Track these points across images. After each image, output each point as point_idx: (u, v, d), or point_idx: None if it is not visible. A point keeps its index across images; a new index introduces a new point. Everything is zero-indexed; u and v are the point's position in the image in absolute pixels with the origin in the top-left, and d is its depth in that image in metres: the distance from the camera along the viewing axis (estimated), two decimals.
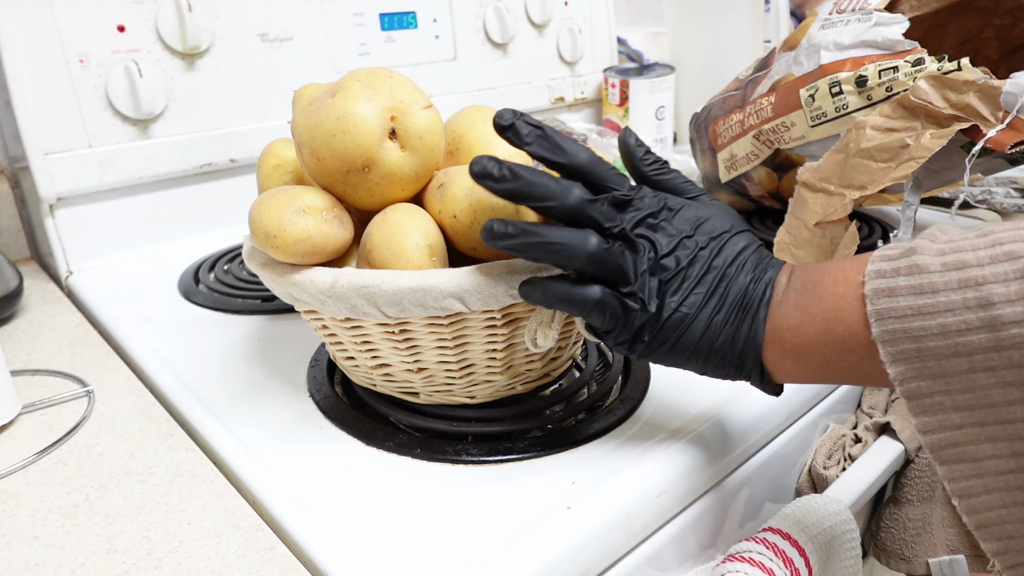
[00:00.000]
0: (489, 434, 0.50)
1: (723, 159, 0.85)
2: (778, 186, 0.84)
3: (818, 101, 0.70)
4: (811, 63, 0.71)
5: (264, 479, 0.46)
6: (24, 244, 0.85)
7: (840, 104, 0.68)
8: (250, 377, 0.58)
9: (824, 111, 0.70)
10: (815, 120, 0.71)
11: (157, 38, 0.79)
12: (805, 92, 0.71)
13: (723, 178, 0.86)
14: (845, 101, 0.68)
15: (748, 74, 0.84)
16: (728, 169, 0.85)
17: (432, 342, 0.46)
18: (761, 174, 0.83)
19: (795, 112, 0.73)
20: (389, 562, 0.40)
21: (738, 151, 0.82)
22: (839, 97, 0.68)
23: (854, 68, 0.67)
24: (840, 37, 0.69)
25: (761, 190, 0.85)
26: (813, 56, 0.71)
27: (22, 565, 0.40)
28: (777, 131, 0.76)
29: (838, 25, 0.71)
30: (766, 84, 0.78)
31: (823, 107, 0.70)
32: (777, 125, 0.75)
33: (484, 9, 1.05)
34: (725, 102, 0.84)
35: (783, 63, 0.76)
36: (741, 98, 0.82)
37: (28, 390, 0.58)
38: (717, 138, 0.84)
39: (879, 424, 0.63)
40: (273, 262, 0.47)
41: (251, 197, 0.90)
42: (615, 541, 0.44)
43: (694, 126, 0.91)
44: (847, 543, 0.53)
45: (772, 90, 0.76)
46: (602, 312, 0.40)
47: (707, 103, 0.90)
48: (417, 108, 0.46)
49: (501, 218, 0.41)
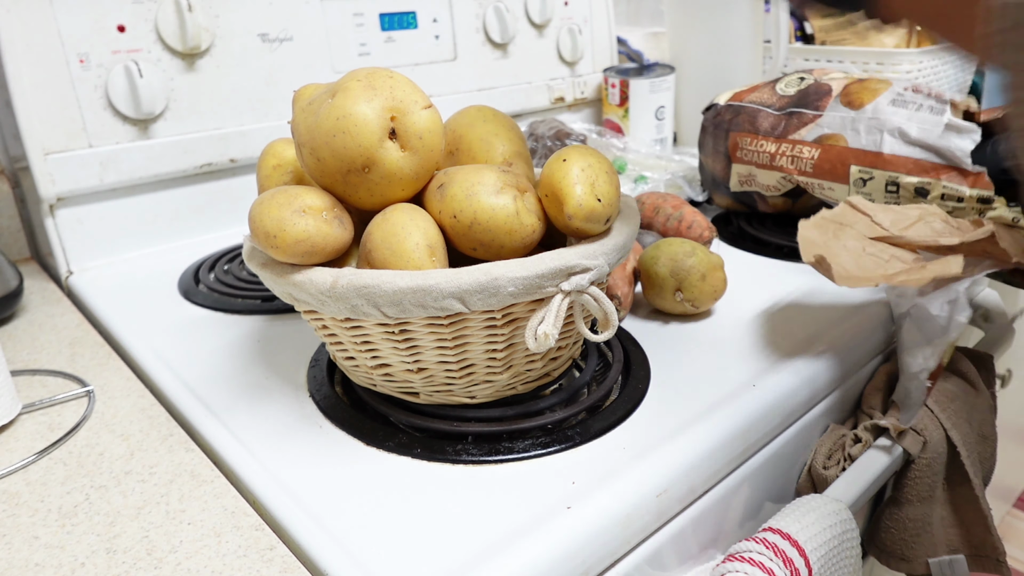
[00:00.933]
0: (489, 434, 0.50)
1: (738, 172, 0.84)
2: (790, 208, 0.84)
3: (869, 187, 0.69)
4: (870, 141, 0.70)
5: (264, 479, 0.46)
6: (24, 244, 0.85)
7: (891, 200, 0.68)
8: (250, 377, 0.58)
9: (872, 199, 0.69)
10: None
11: (157, 38, 0.79)
12: (857, 172, 0.70)
13: (733, 187, 0.86)
14: (898, 200, 0.68)
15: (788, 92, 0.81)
16: (742, 183, 0.84)
17: (432, 342, 0.46)
18: (777, 201, 0.83)
19: (839, 183, 0.72)
20: (389, 562, 0.40)
21: (760, 177, 0.81)
22: (893, 195, 0.68)
23: (917, 173, 0.65)
24: (908, 126, 0.68)
25: (771, 210, 0.85)
26: (874, 134, 0.70)
27: (22, 565, 0.40)
28: (811, 187, 0.75)
29: (909, 107, 0.69)
30: (812, 131, 0.75)
31: (872, 194, 0.69)
32: (815, 183, 0.74)
33: (484, 9, 1.05)
34: (757, 119, 0.82)
35: (837, 119, 0.74)
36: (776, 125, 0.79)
37: (28, 390, 0.58)
38: (737, 150, 0.83)
39: (879, 424, 0.63)
40: (273, 262, 0.47)
41: (251, 197, 0.90)
42: (615, 541, 0.44)
43: (712, 119, 0.88)
44: (847, 543, 0.53)
45: (818, 143, 0.74)
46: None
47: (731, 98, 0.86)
48: (417, 108, 0.46)
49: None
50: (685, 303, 0.64)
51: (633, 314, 0.67)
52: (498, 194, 0.46)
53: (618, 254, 0.48)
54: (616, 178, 0.48)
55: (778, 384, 0.56)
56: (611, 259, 0.47)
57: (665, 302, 0.65)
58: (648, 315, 0.67)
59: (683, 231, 0.76)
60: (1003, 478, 1.37)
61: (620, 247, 0.48)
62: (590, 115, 1.25)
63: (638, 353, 0.59)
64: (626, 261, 0.67)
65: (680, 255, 0.64)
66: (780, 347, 0.60)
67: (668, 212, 0.79)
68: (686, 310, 0.64)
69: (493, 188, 0.46)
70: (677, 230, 0.77)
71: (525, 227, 0.46)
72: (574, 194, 0.45)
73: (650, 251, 0.66)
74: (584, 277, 0.44)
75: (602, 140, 1.05)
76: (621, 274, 0.66)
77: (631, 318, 0.66)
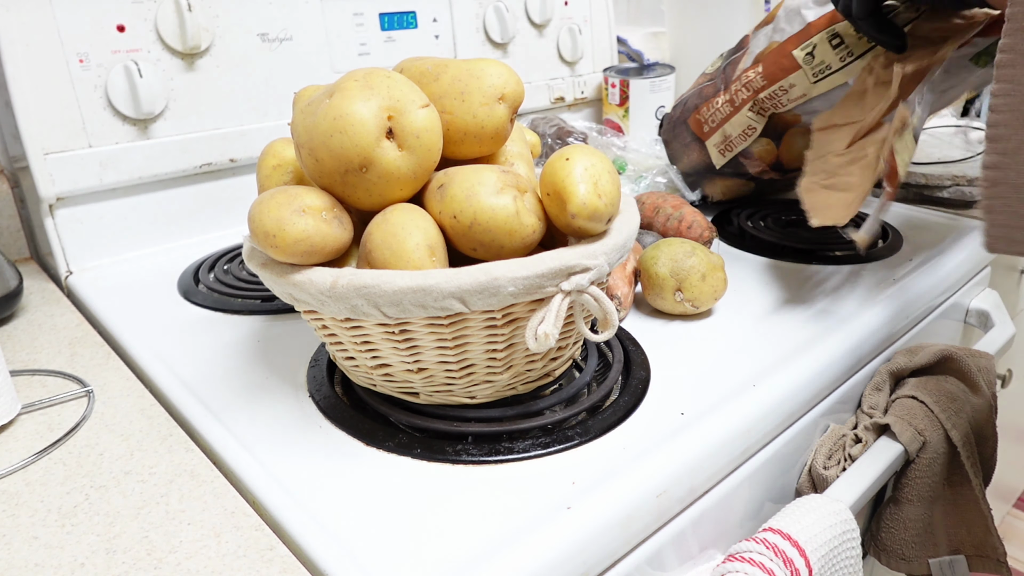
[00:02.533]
0: (489, 434, 0.50)
1: (714, 144, 0.85)
2: (777, 154, 0.84)
3: (819, 56, 0.71)
4: (794, 26, 0.73)
5: (264, 479, 0.46)
6: (24, 244, 0.85)
7: (844, 53, 0.70)
8: (250, 377, 0.58)
9: (827, 64, 0.71)
10: (818, 75, 0.72)
11: (157, 38, 0.79)
12: (800, 52, 0.73)
13: (717, 163, 0.86)
14: (849, 49, 0.70)
15: (717, 66, 0.85)
16: (722, 152, 0.85)
17: (432, 342, 0.46)
18: (759, 147, 0.83)
19: (793, 73, 0.74)
20: (389, 562, 0.40)
21: (732, 130, 0.82)
22: (841, 48, 0.70)
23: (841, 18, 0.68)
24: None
25: (761, 164, 0.85)
26: (795, 19, 0.73)
27: (22, 565, 0.40)
28: (774, 96, 0.77)
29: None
30: (747, 60, 0.79)
31: (825, 60, 0.71)
32: (774, 91, 0.76)
33: (484, 9, 1.05)
34: (701, 92, 0.85)
35: (761, 38, 0.78)
36: (720, 83, 0.82)
37: (28, 390, 0.58)
38: (702, 126, 0.85)
39: (879, 424, 0.63)
40: (273, 262, 0.47)
41: (251, 197, 0.90)
42: (615, 541, 0.44)
43: (668, 128, 0.91)
44: (847, 543, 0.53)
45: (757, 62, 0.77)
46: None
47: (676, 102, 0.90)
48: (415, 107, 0.46)
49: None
50: (685, 303, 0.64)
51: (633, 314, 0.67)
52: (498, 194, 0.46)
53: (618, 254, 0.48)
54: (617, 178, 0.48)
55: (778, 384, 0.56)
56: (611, 259, 0.47)
57: (665, 302, 0.65)
58: (648, 315, 0.67)
59: (683, 231, 0.76)
60: (1003, 478, 1.37)
61: (620, 247, 0.48)
62: (590, 115, 1.25)
63: (638, 353, 0.59)
64: (626, 261, 0.67)
65: (680, 255, 0.64)
66: (780, 347, 0.60)
67: (668, 212, 0.79)
68: (686, 310, 0.64)
69: (493, 188, 0.46)
70: (677, 230, 0.77)
71: (525, 227, 0.46)
72: (577, 193, 0.45)
73: (650, 251, 0.66)
74: (584, 277, 0.44)
75: (603, 139, 1.05)
76: (621, 274, 0.66)
77: (631, 318, 0.66)
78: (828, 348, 0.61)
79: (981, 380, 0.71)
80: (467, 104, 0.49)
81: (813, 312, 0.66)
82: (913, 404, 0.64)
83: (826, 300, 0.68)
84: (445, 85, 0.50)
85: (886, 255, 0.78)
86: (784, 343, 0.61)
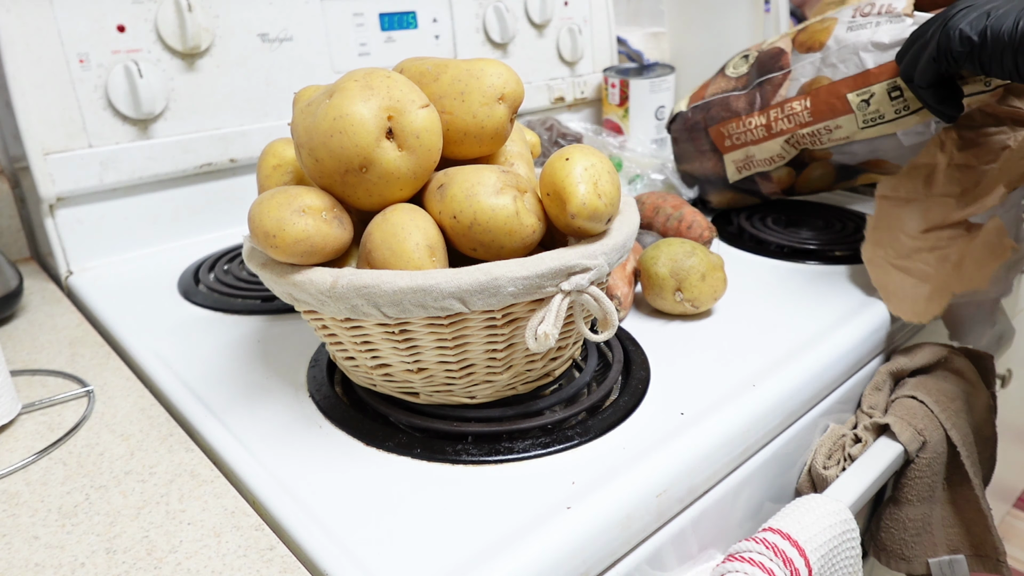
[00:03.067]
0: (489, 434, 0.50)
1: (734, 160, 0.84)
2: (794, 182, 0.84)
3: (874, 105, 0.71)
4: (851, 66, 0.72)
5: (264, 479, 0.46)
6: (24, 244, 0.85)
7: (901, 106, 0.70)
8: (250, 377, 0.58)
9: (882, 114, 0.71)
10: (869, 123, 0.72)
11: (157, 38, 0.79)
12: (856, 97, 0.72)
13: (732, 178, 0.86)
14: (906, 103, 0.69)
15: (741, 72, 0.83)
16: (740, 170, 0.84)
17: (432, 342, 0.46)
18: (780, 173, 0.83)
19: (843, 116, 0.73)
20: (389, 562, 0.40)
21: (759, 153, 0.81)
22: (899, 100, 0.69)
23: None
24: (878, 36, 0.70)
25: (776, 187, 0.85)
26: (850, 59, 0.72)
27: (22, 565, 0.40)
28: (816, 134, 0.76)
29: (868, 28, 0.71)
30: (790, 88, 0.77)
31: (880, 110, 0.71)
32: (818, 129, 0.75)
33: (484, 9, 1.05)
34: (728, 104, 0.83)
35: (807, 66, 0.76)
36: (752, 101, 0.80)
37: (28, 390, 0.58)
38: (724, 140, 0.84)
39: (879, 424, 0.63)
40: (273, 262, 0.47)
41: (251, 197, 0.90)
42: (615, 541, 0.44)
43: (681, 127, 0.90)
44: (847, 543, 0.53)
45: (804, 95, 0.75)
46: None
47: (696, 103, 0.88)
48: (414, 107, 0.46)
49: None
50: (685, 303, 0.64)
51: (633, 314, 0.67)
52: (498, 194, 0.46)
53: (618, 254, 0.48)
54: (617, 178, 0.48)
55: (778, 384, 0.56)
56: (611, 259, 0.47)
57: (665, 302, 0.65)
58: (648, 315, 0.67)
59: (683, 231, 0.76)
60: (1003, 478, 1.37)
61: (620, 247, 0.48)
62: (590, 115, 1.25)
63: (638, 353, 0.59)
64: (626, 261, 0.67)
65: (680, 255, 0.64)
66: (780, 347, 0.60)
67: (668, 212, 0.79)
68: (686, 310, 0.64)
69: (493, 188, 0.46)
70: (677, 230, 0.77)
71: (525, 227, 0.46)
72: (577, 193, 0.45)
73: (650, 251, 0.66)
74: (584, 277, 0.44)
75: (598, 139, 1.05)
76: (621, 274, 0.66)
77: (631, 318, 0.66)
78: (828, 348, 0.61)
79: (981, 380, 0.71)
80: (467, 104, 0.49)
81: (813, 312, 0.66)
82: (913, 404, 0.64)
83: (826, 300, 0.68)
84: (445, 85, 0.50)
85: None
86: (784, 343, 0.61)
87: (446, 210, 0.46)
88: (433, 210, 0.47)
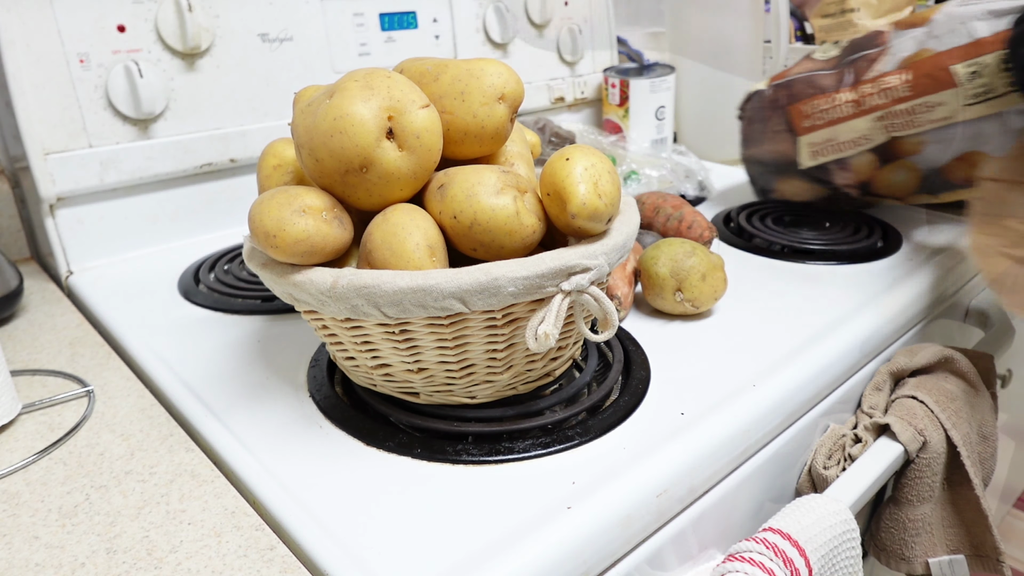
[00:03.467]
0: (489, 434, 0.50)
1: (810, 142, 0.77)
2: (872, 175, 0.77)
3: (985, 77, 0.65)
4: (959, 37, 0.66)
5: (264, 479, 0.46)
6: (24, 244, 0.85)
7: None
8: (250, 377, 0.58)
9: (992, 88, 0.65)
10: (975, 98, 0.66)
11: (157, 38, 0.79)
12: (964, 68, 0.66)
13: (804, 163, 0.79)
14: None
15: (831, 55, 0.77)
16: (815, 154, 0.77)
17: (432, 342, 0.46)
18: (863, 160, 0.76)
19: (945, 91, 0.67)
20: (389, 562, 0.40)
21: (843, 134, 0.74)
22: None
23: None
24: (994, 5, 0.65)
25: (853, 178, 0.78)
26: (958, 30, 0.66)
27: (22, 565, 0.40)
28: (914, 111, 0.69)
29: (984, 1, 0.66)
30: (887, 62, 0.71)
31: (991, 83, 0.65)
32: (916, 104, 0.69)
33: (484, 9, 1.05)
34: (813, 81, 0.76)
35: (908, 40, 0.70)
36: (841, 78, 0.74)
37: (28, 390, 0.58)
38: (803, 119, 0.77)
39: (879, 424, 0.63)
40: (273, 262, 0.47)
41: (251, 197, 0.90)
42: (615, 541, 0.44)
43: (756, 106, 0.83)
44: (847, 543, 0.53)
45: (904, 68, 0.69)
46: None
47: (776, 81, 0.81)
48: (415, 107, 0.46)
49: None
50: (685, 303, 0.64)
51: (633, 314, 0.67)
52: (498, 195, 0.46)
53: (618, 254, 0.48)
54: (617, 178, 0.48)
55: (778, 384, 0.56)
56: (611, 259, 0.47)
57: (665, 302, 0.65)
58: (648, 315, 0.67)
59: (683, 231, 0.76)
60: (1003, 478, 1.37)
61: (620, 247, 0.48)
62: (590, 115, 1.25)
63: (638, 353, 0.59)
64: (626, 261, 0.67)
65: (680, 255, 0.64)
66: (780, 347, 0.60)
67: (668, 212, 0.79)
68: (686, 310, 0.64)
69: (493, 189, 0.46)
70: (677, 230, 0.77)
71: (525, 227, 0.46)
72: (577, 193, 0.45)
73: (650, 251, 0.66)
74: (584, 277, 0.44)
75: (592, 138, 1.05)
76: (621, 274, 0.66)
77: (631, 318, 0.66)
78: (828, 348, 0.61)
79: (981, 380, 0.71)
80: (467, 104, 0.49)
81: (813, 312, 0.66)
82: (913, 404, 0.64)
83: (826, 300, 0.68)
84: (445, 85, 0.50)
85: (886, 255, 0.78)
86: (784, 343, 0.61)
87: (446, 210, 0.46)
88: (433, 210, 0.47)
